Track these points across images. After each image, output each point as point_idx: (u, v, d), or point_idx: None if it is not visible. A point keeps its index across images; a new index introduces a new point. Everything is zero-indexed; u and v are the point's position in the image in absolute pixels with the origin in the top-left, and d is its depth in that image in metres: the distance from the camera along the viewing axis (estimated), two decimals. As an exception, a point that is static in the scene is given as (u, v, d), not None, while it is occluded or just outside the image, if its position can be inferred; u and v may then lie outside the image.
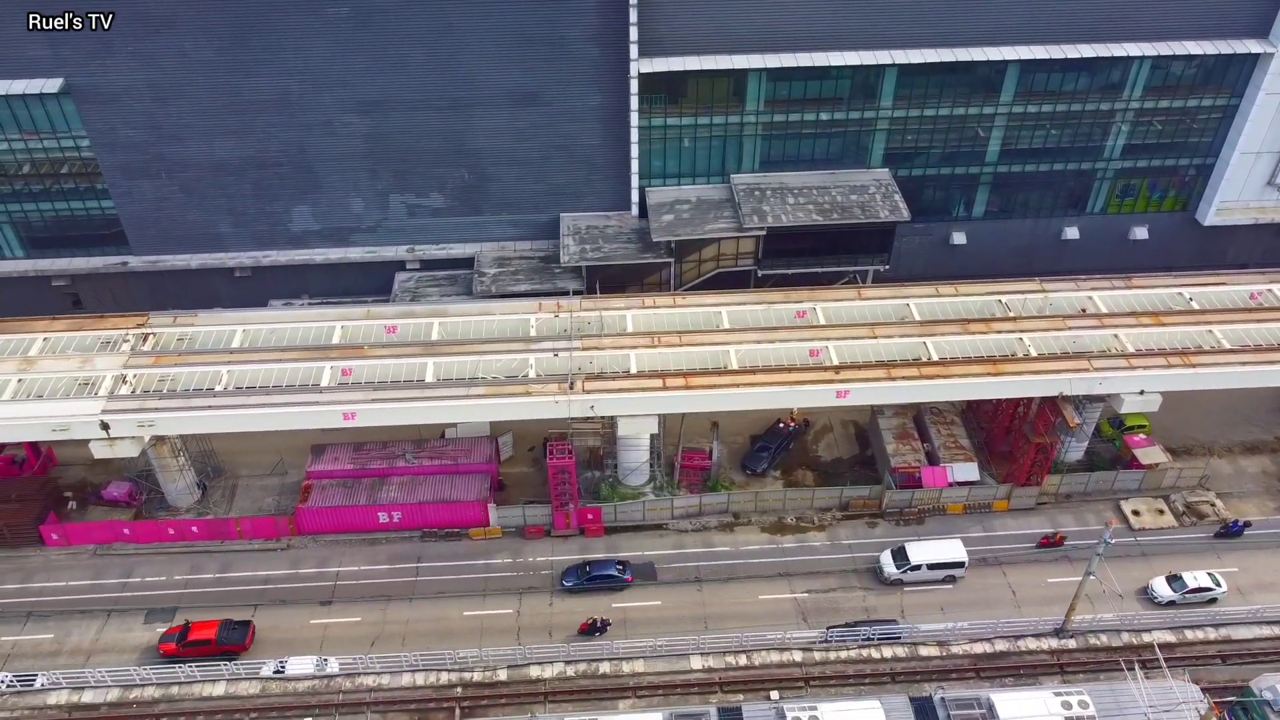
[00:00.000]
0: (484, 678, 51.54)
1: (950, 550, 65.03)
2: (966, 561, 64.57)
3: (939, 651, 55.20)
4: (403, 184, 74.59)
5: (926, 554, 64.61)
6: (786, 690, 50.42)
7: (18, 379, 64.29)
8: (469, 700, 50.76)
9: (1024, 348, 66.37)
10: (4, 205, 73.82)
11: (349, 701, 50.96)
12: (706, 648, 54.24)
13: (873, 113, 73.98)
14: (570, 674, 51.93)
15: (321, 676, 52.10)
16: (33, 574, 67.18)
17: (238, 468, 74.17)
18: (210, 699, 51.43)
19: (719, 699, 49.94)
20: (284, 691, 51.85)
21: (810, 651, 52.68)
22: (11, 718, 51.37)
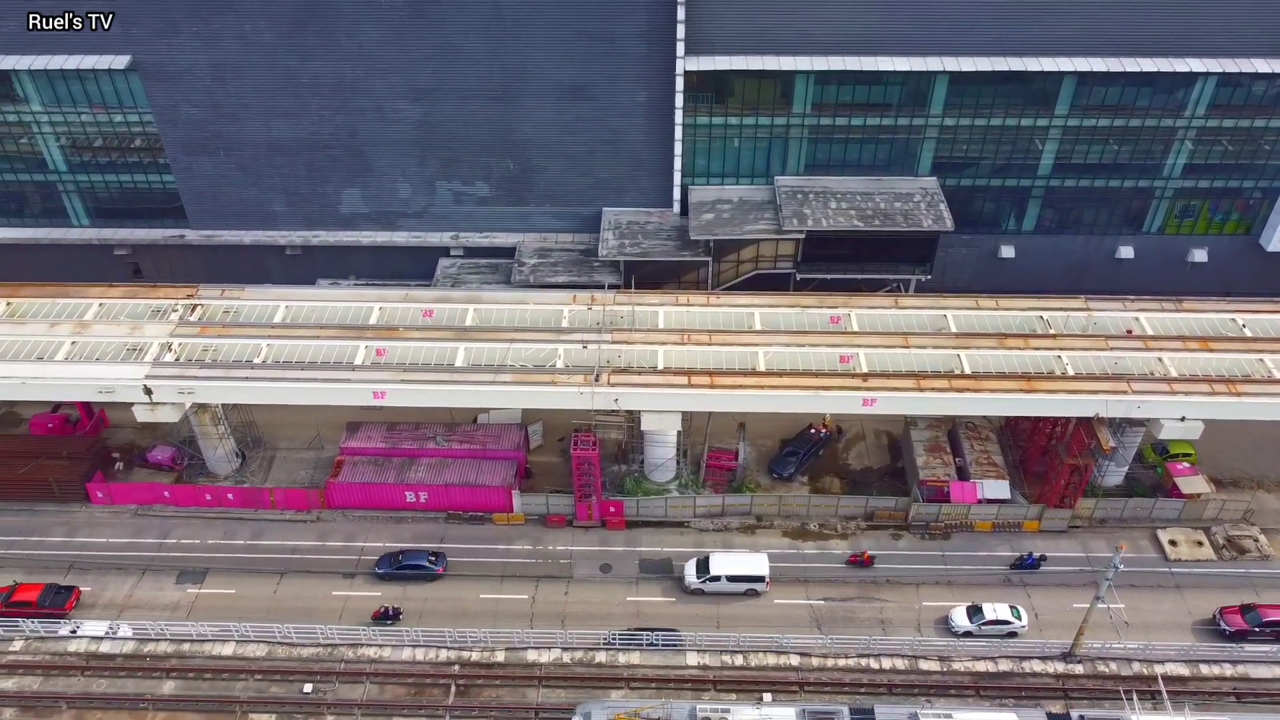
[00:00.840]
0: (482, 658, 52.32)
1: (752, 564, 63.90)
2: (767, 576, 63.27)
3: (939, 666, 54.35)
4: (450, 171, 75.96)
5: (728, 566, 63.60)
6: (779, 693, 50.25)
7: (71, 341, 67.08)
8: (464, 679, 51.60)
9: (1061, 366, 64.88)
10: (73, 175, 77.19)
11: (349, 671, 52.20)
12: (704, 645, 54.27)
13: (922, 120, 72.96)
14: (566, 660, 52.43)
15: (320, 644, 53.27)
16: (77, 529, 70.05)
17: (277, 440, 76.32)
18: (219, 658, 53.21)
19: (711, 696, 50.00)
20: (286, 657, 53.36)
21: (808, 657, 52.32)
22: (34, 661, 53.73)
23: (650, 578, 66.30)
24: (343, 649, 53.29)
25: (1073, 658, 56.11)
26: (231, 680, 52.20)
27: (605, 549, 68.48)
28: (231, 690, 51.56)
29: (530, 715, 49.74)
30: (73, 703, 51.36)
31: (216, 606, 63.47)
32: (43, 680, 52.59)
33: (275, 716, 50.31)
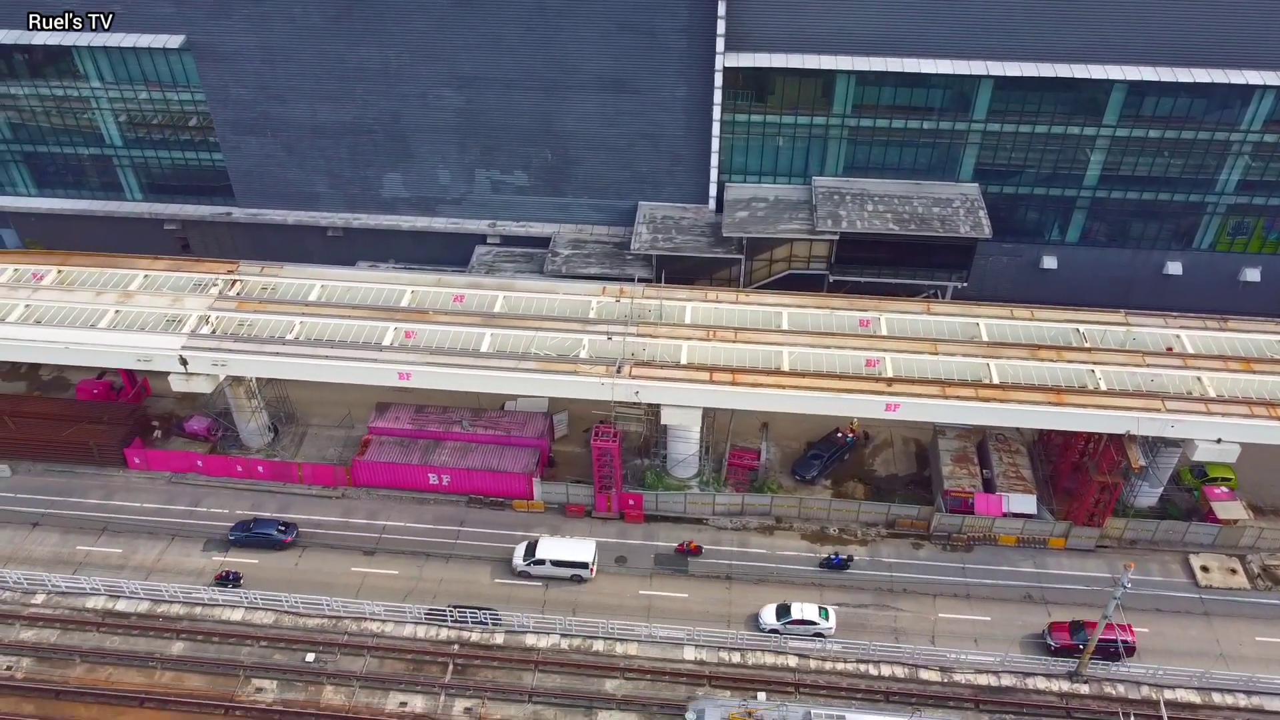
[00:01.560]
0: (481, 639, 52.84)
1: (577, 551, 64.21)
2: (590, 563, 63.49)
3: (940, 678, 53.45)
4: (489, 160, 76.78)
5: (554, 551, 64.03)
6: (775, 694, 49.88)
7: (115, 310, 69.28)
8: (463, 658, 52.16)
9: (1094, 380, 63.42)
10: (128, 151, 79.70)
11: (352, 644, 53.10)
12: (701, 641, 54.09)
13: (965, 125, 71.81)
14: (564, 647, 52.68)
15: (325, 615, 54.20)
16: (114, 492, 72.22)
17: (309, 416, 77.87)
18: (227, 623, 54.53)
19: (705, 692, 49.80)
20: (293, 625, 54.46)
21: (806, 659, 51.84)
22: (53, 615, 55.62)
23: (664, 572, 66.29)
24: (347, 621, 54.28)
25: (1079, 677, 54.77)
26: (238, 645, 53.54)
27: (622, 541, 68.58)
28: (237, 655, 52.88)
29: (524, 698, 50.12)
30: (86, 657, 53.14)
31: (244, 575, 65.01)
32: (60, 634, 54.49)
33: (277, 683, 51.41)
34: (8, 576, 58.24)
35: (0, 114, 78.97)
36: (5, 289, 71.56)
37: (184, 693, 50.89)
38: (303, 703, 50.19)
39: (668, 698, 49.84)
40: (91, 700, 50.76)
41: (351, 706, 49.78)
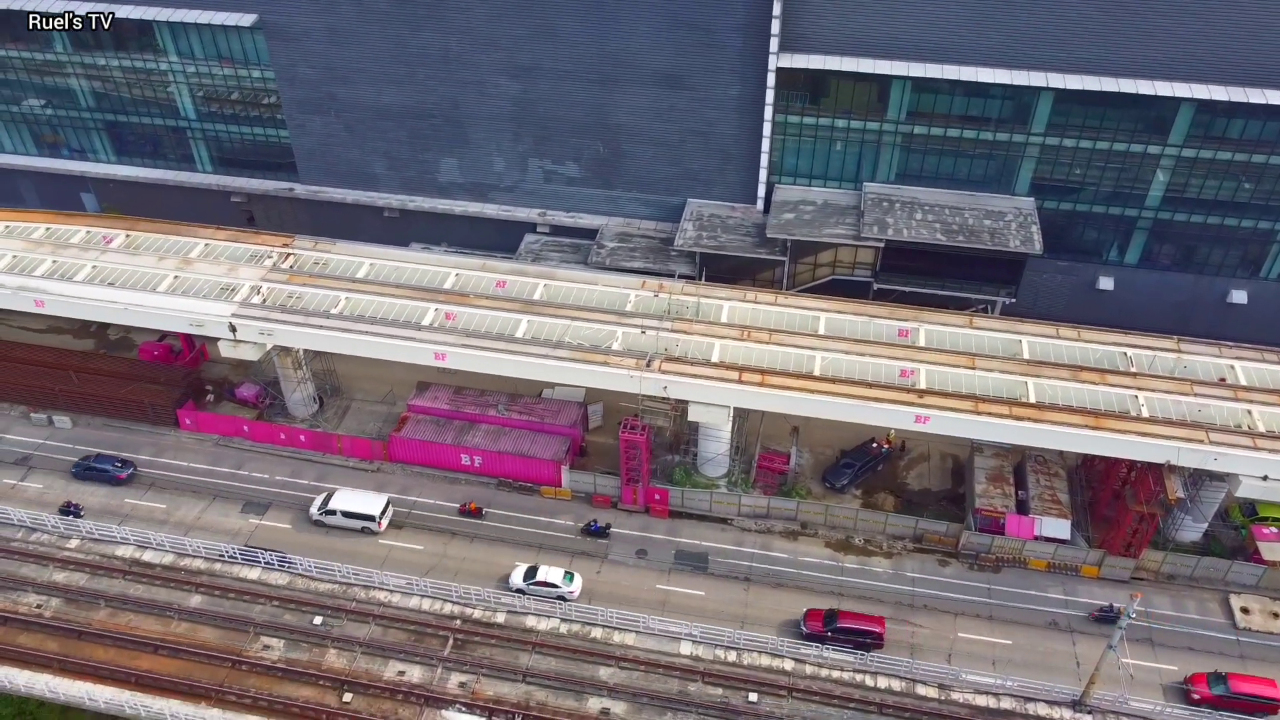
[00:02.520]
0: (483, 616, 53.66)
1: (367, 504, 67.13)
2: (378, 515, 66.29)
3: (938, 694, 52.41)
4: (542, 149, 77.74)
5: (345, 503, 67.20)
6: (766, 695, 49.57)
7: (174, 275, 72.19)
8: (463, 633, 53.06)
9: (1136, 406, 61.49)
10: (201, 124, 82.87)
11: (358, 610, 54.48)
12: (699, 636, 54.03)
13: (1022, 137, 70.18)
14: (563, 631, 53.17)
15: (336, 581, 55.72)
16: (164, 450, 75.18)
17: (354, 391, 79.88)
18: (244, 580, 56.44)
19: (697, 690, 49.73)
20: (305, 588, 56.08)
21: (802, 664, 51.39)
22: (85, 560, 58.25)
23: (683, 568, 66.36)
24: (356, 589, 55.68)
25: (1082, 706, 53.17)
26: (251, 603, 55.38)
27: (645, 535, 68.85)
28: (249, 612, 54.71)
29: (518, 678, 50.82)
30: (110, 602, 55.60)
31: (272, 538, 67.08)
32: (89, 578, 57.11)
33: (284, 643, 53.06)
34: (46, 520, 61.17)
35: (86, 83, 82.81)
36: (76, 250, 75.13)
37: (196, 644, 52.92)
38: (306, 663, 51.74)
39: (658, 690, 49.96)
40: (110, 644, 53.13)
41: (351, 671, 51.11)
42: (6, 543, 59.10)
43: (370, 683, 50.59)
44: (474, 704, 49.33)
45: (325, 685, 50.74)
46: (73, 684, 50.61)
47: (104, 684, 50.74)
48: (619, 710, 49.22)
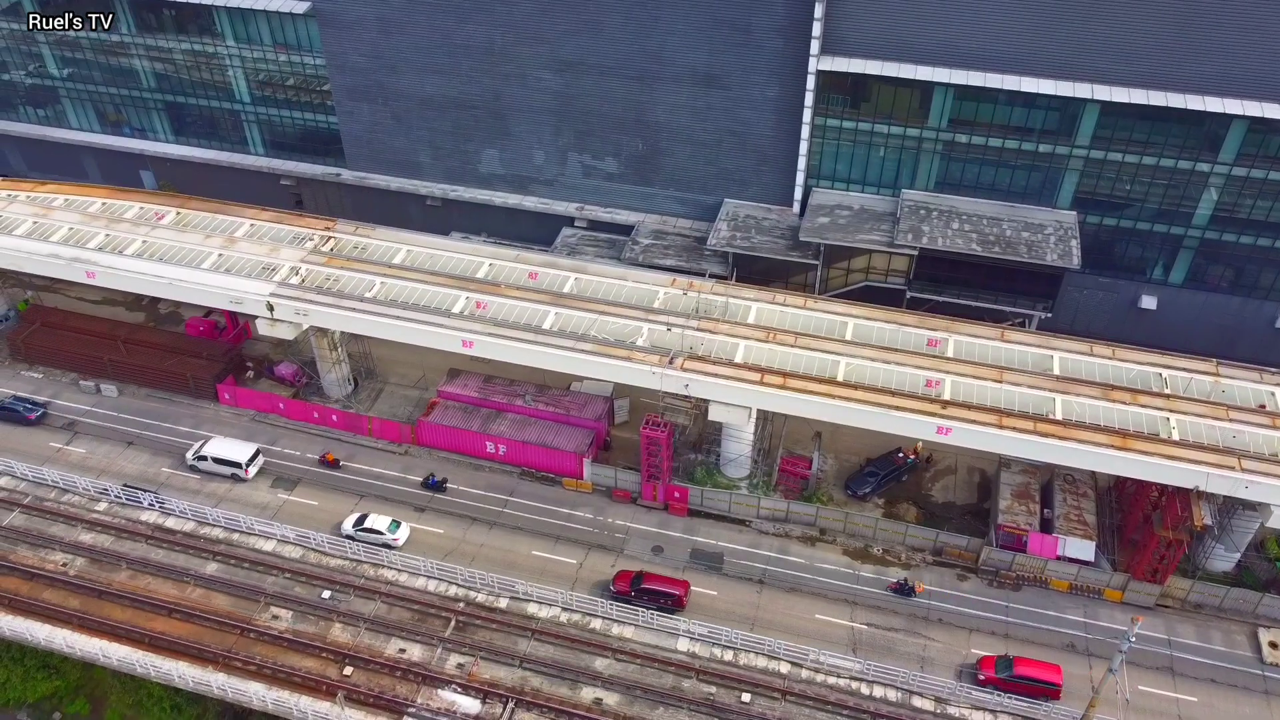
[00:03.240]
0: (486, 600, 54.34)
1: (236, 451, 71.07)
2: (244, 464, 70.10)
3: (933, 707, 51.69)
4: (582, 144, 78.33)
5: (217, 450, 71.33)
6: (761, 697, 49.37)
7: (219, 253, 74.28)
8: (465, 616, 53.78)
9: (1167, 429, 60.02)
10: (255, 108, 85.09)
11: (366, 587, 55.55)
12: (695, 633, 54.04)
13: (1066, 149, 68.83)
14: (563, 620, 53.62)
15: (348, 558, 56.97)
16: (202, 423, 77.35)
17: (389, 375, 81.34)
18: (259, 551, 57.89)
19: (690, 686, 49.75)
20: (316, 563, 57.34)
21: (798, 668, 51.07)
22: (112, 522, 60.29)
23: (698, 567, 66.39)
24: (365, 566, 56.81)
25: (1082, 730, 52.07)
26: (265, 573, 56.81)
27: (662, 531, 69.05)
28: (262, 583, 56.13)
29: (514, 663, 51.38)
30: (132, 564, 57.48)
31: (298, 514, 68.77)
32: (114, 540, 59.12)
33: (292, 614, 54.37)
34: (77, 482, 63.44)
35: (148, 64, 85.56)
36: (129, 225, 77.71)
37: (209, 610, 54.50)
38: (311, 634, 52.96)
39: (652, 684, 50.14)
40: (128, 604, 54.98)
41: (354, 645, 52.19)
42: (40, 502, 61.47)
43: (371, 658, 51.62)
44: (469, 685, 50.03)
45: (328, 658, 51.92)
46: (90, 640, 52.53)
47: (119, 642, 52.59)
48: (611, 701, 49.51)
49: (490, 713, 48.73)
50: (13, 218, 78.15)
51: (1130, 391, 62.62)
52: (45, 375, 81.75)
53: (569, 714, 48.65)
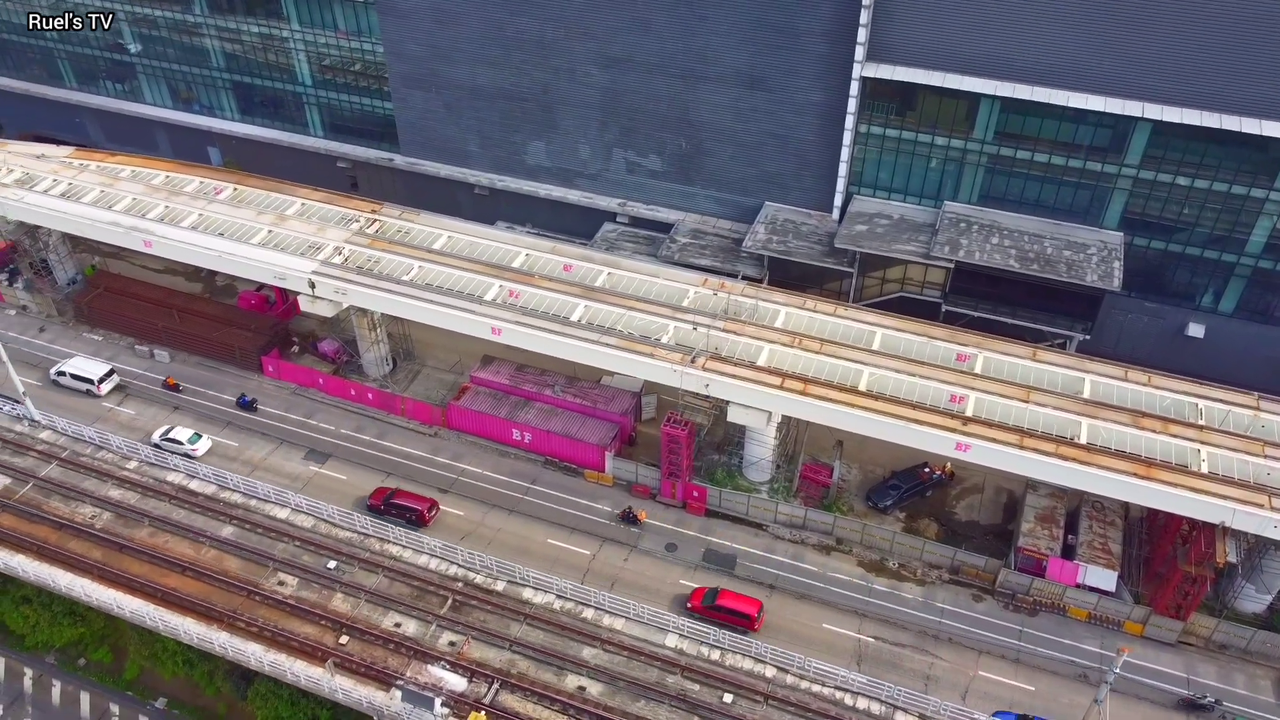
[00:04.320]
0: (483, 582, 55.24)
1: (90, 369, 78.27)
2: (97, 380, 77.03)
3: (916, 725, 50.95)
4: (627, 141, 78.85)
5: (74, 368, 78.51)
6: (742, 698, 49.25)
7: (269, 230, 76.74)
8: (462, 595, 54.77)
9: (1196, 460, 58.15)
10: (316, 91, 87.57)
11: (370, 560, 56.95)
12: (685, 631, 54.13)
13: (1115, 168, 66.99)
14: (556, 607, 54.23)
15: (356, 531, 58.77)
16: (245, 392, 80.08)
17: (426, 357, 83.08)
18: (273, 519, 59.76)
19: (674, 682, 49.88)
20: (325, 534, 58.94)
21: (784, 673, 50.79)
22: (140, 480, 62.85)
23: (710, 568, 66.49)
24: (371, 540, 58.21)
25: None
26: (276, 540, 58.66)
27: (677, 529, 69.33)
28: (272, 549, 57.97)
29: (505, 645, 52.20)
30: (154, 522, 59.90)
31: (327, 487, 70.86)
32: (140, 498, 61.65)
33: (298, 581, 56.05)
34: (111, 439, 66.29)
35: (219, 44, 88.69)
36: (188, 198, 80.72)
37: (220, 571, 56.51)
38: (313, 602, 54.54)
39: (637, 676, 50.46)
40: (146, 560, 57.34)
41: (352, 616, 53.60)
42: (76, 456, 64.41)
43: (367, 629, 52.97)
44: (458, 664, 51.01)
45: (326, 626, 53.44)
46: (106, 591, 54.96)
47: (133, 594, 54.92)
48: (594, 691, 49.98)
49: (475, 691, 49.62)
50: (83, 186, 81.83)
51: (1162, 420, 60.80)
52: (105, 338, 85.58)
53: (551, 699, 49.29)
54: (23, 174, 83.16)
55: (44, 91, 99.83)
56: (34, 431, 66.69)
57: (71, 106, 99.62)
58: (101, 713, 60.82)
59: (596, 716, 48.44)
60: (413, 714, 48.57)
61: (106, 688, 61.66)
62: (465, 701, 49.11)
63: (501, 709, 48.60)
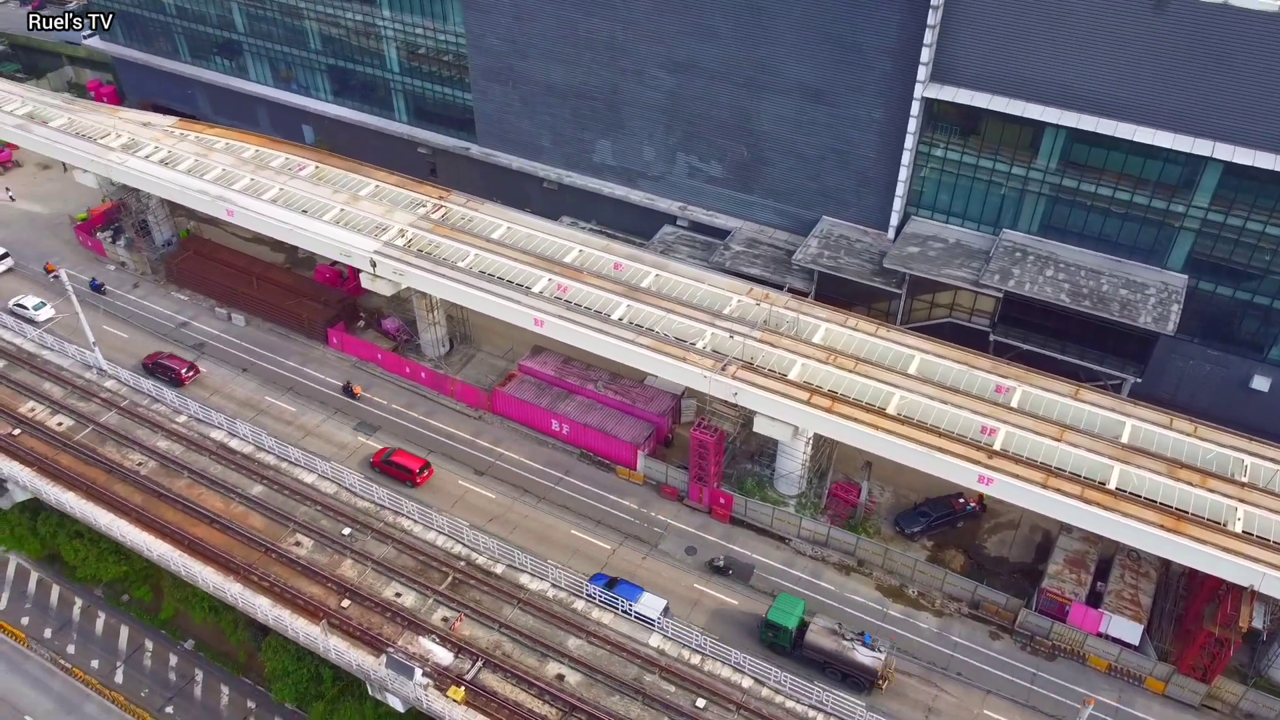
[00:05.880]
0: (485, 563, 56.83)
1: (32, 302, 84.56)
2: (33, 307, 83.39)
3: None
4: (690, 145, 79.50)
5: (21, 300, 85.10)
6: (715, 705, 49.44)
7: (341, 208, 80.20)
8: (462, 574, 56.47)
9: (1232, 518, 55.71)
10: (402, 78, 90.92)
11: (382, 531, 59.22)
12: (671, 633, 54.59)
13: (1182, 207, 64.43)
14: (549, 595, 55.38)
15: (374, 502, 61.54)
16: (309, 361, 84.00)
17: (482, 343, 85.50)
18: (301, 483, 62.68)
19: (651, 681, 50.43)
20: (346, 501, 61.54)
21: (760, 685, 50.76)
22: (186, 434, 66.81)
23: (724, 578, 66.81)
24: (386, 513, 60.57)
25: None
26: (299, 502, 61.57)
27: (700, 534, 69.85)
28: (295, 511, 60.84)
29: (494, 626, 53.70)
30: (192, 474, 63.61)
31: (369, 458, 73.94)
32: (184, 450, 65.52)
33: (313, 543, 58.75)
34: (165, 396, 70.60)
35: (317, 27, 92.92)
36: (272, 172, 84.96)
37: (245, 526, 59.69)
38: (323, 564, 57.12)
39: (616, 672, 51.33)
40: (180, 509, 60.99)
41: (357, 583, 55.93)
42: (134, 406, 68.84)
43: (369, 596, 55.23)
44: (448, 638, 52.75)
45: (331, 588, 55.93)
46: (140, 533, 58.77)
47: (163, 539, 58.58)
48: (573, 680, 50.99)
49: (459, 667, 51.28)
50: (180, 154, 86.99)
51: (1200, 473, 58.38)
52: (190, 298, 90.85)
53: (529, 683, 50.55)
54: (129, 139, 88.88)
55: (162, 64, 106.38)
56: (100, 380, 71.48)
57: (185, 79, 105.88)
58: (137, 647, 64.93)
59: (570, 705, 49.50)
60: (395, 680, 50.55)
61: (144, 624, 65.82)
62: (448, 675, 50.85)
63: (481, 687, 50.16)
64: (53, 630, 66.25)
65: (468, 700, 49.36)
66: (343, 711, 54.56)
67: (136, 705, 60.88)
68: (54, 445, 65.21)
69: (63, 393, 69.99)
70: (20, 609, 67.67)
